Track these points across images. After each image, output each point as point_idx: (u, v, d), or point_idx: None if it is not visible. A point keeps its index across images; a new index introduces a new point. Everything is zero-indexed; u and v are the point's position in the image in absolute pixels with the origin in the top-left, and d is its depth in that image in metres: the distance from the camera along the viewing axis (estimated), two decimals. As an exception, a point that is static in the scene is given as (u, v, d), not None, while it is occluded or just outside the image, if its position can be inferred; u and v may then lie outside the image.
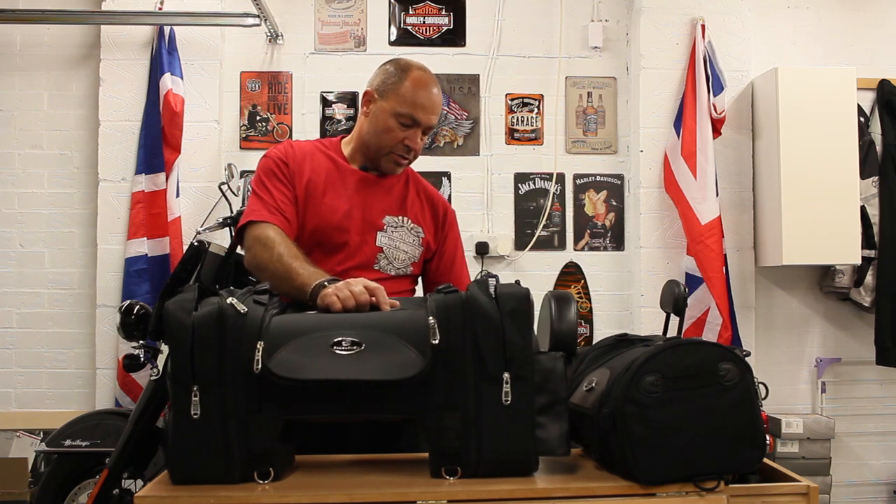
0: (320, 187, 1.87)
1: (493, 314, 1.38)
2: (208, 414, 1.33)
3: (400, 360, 1.34)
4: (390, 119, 1.85)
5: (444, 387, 1.37)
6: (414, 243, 1.92)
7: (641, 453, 1.35)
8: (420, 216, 1.96)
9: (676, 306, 2.88)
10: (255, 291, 1.44)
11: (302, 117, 3.92)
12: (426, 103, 1.85)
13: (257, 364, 1.31)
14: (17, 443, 3.59)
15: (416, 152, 1.91)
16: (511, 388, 1.37)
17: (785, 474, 1.45)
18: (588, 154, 3.99)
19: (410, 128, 1.86)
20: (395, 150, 1.87)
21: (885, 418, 3.96)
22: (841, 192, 3.64)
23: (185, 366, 1.33)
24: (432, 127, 1.90)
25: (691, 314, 3.57)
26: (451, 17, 3.99)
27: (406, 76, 1.86)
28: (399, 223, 1.91)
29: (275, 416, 1.36)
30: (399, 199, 1.94)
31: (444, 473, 1.38)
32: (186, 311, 1.36)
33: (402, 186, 1.97)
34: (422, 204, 1.98)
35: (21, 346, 3.77)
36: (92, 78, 3.80)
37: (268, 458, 1.36)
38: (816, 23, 4.03)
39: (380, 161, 1.91)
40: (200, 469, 1.34)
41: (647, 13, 3.82)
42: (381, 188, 1.93)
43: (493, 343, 1.38)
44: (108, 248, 3.66)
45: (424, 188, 2.02)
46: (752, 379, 1.41)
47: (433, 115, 1.87)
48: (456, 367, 1.38)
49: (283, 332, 1.35)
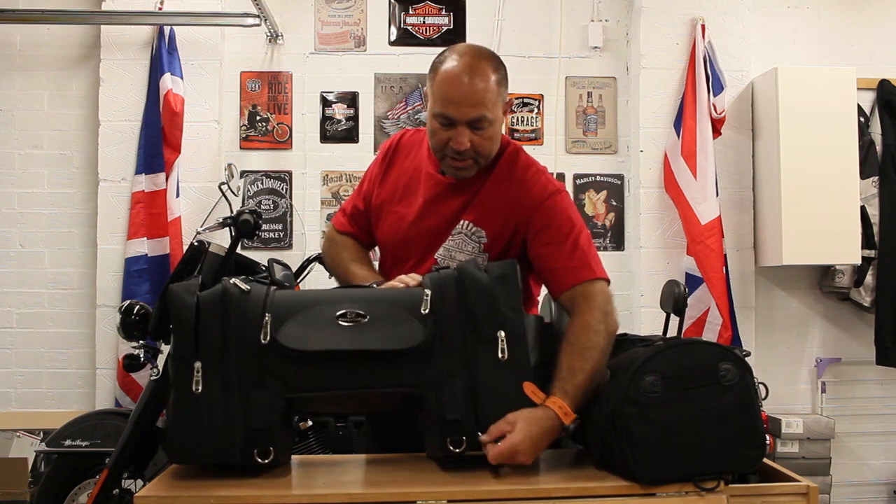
0: (398, 194, 1.80)
1: (483, 279, 1.47)
2: (210, 389, 1.35)
3: (403, 331, 1.39)
4: (433, 121, 1.67)
5: (443, 357, 1.41)
6: (473, 250, 1.71)
7: (641, 453, 1.35)
8: (485, 217, 1.72)
9: (676, 306, 2.88)
10: (255, 279, 1.47)
11: (302, 117, 3.92)
12: (456, 96, 1.61)
13: (265, 336, 1.33)
14: (17, 443, 3.59)
15: (477, 150, 1.66)
16: (507, 346, 1.43)
17: (785, 474, 1.45)
18: (588, 154, 3.99)
19: (451, 127, 1.64)
20: (446, 152, 1.67)
21: (885, 418, 3.95)
22: (841, 192, 3.63)
23: (189, 343, 1.35)
24: (478, 119, 1.63)
25: (691, 314, 3.57)
26: (451, 17, 3.98)
27: (438, 71, 1.66)
28: (459, 229, 1.73)
29: (276, 392, 1.37)
30: (465, 202, 1.73)
31: (448, 444, 1.40)
32: (190, 292, 1.39)
33: (480, 184, 1.73)
34: (496, 200, 1.72)
35: (21, 346, 3.76)
36: (92, 78, 3.79)
37: (268, 435, 1.37)
38: (816, 23, 4.03)
39: (444, 167, 1.73)
40: (200, 447, 1.35)
41: (647, 13, 3.82)
42: (452, 192, 1.74)
43: (485, 306, 1.45)
44: (108, 248, 3.66)
45: (512, 180, 1.74)
46: (752, 379, 1.41)
47: (468, 106, 1.61)
48: (453, 337, 1.42)
49: (288, 306, 1.39)
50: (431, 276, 1.48)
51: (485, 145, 1.67)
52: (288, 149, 3.91)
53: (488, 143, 1.68)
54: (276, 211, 3.89)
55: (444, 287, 1.45)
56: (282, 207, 3.89)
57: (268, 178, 3.89)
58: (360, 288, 1.55)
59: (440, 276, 1.48)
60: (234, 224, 2.67)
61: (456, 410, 1.40)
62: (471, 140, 1.64)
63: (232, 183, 3.17)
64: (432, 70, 1.68)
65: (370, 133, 3.91)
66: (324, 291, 1.51)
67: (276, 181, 3.89)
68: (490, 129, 1.66)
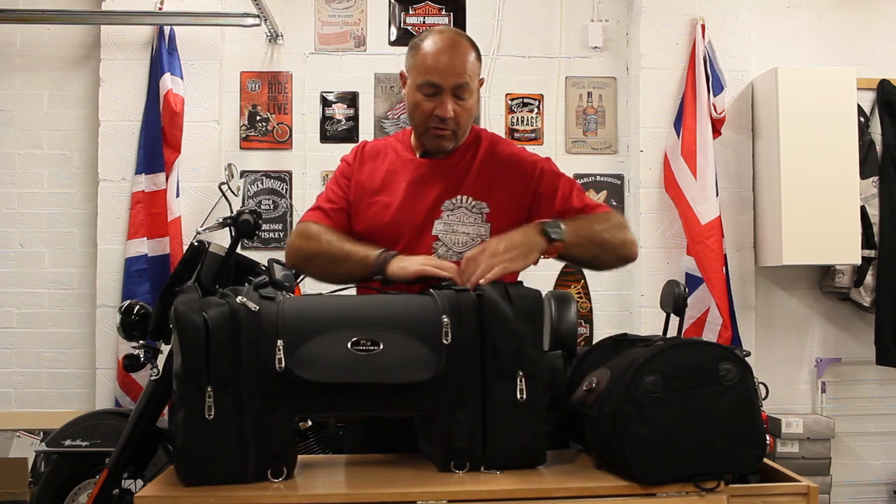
0: (375, 186, 1.82)
1: (509, 315, 1.43)
2: (223, 415, 1.33)
3: (416, 361, 1.36)
4: (416, 94, 1.76)
5: (456, 384, 1.40)
6: (476, 222, 1.77)
7: (641, 453, 1.35)
8: (486, 190, 1.79)
9: (676, 306, 2.88)
10: (257, 286, 1.44)
11: (302, 117, 3.92)
12: (440, 65, 1.72)
13: (280, 363, 1.32)
14: (17, 443, 3.59)
15: (457, 119, 1.75)
16: (525, 386, 1.40)
17: (785, 474, 1.45)
18: (588, 154, 3.99)
19: (435, 96, 1.73)
20: (429, 124, 1.76)
21: (885, 418, 3.96)
22: (841, 192, 3.64)
23: (200, 367, 1.32)
24: (461, 86, 1.73)
25: (691, 314, 3.57)
26: (451, 17, 3.99)
27: (421, 46, 1.76)
28: (457, 204, 1.78)
29: (289, 416, 1.36)
30: (458, 178, 1.80)
31: (452, 467, 1.40)
32: (196, 311, 1.35)
33: (468, 162, 1.82)
34: (495, 175, 1.81)
35: (21, 346, 3.77)
36: (92, 78, 3.80)
37: (282, 457, 1.37)
38: (816, 23, 4.03)
39: (424, 142, 1.81)
40: (214, 470, 1.34)
41: (647, 13, 3.82)
42: (441, 172, 1.81)
43: (509, 343, 1.41)
44: (108, 248, 3.66)
45: (503, 156, 1.84)
46: (752, 379, 1.41)
47: (452, 74, 1.72)
48: (467, 365, 1.40)
49: (300, 329, 1.36)
50: (450, 299, 1.43)
51: (465, 115, 1.77)
52: (288, 149, 3.91)
53: (467, 115, 1.78)
54: (276, 211, 3.89)
55: (463, 311, 1.41)
56: (282, 207, 3.89)
57: (268, 178, 3.89)
58: (373, 296, 1.54)
59: (459, 301, 1.43)
60: (234, 224, 2.67)
61: (464, 438, 1.40)
62: (453, 109, 1.74)
63: (232, 183, 3.17)
64: (413, 48, 1.79)
65: (370, 133, 3.91)
66: (334, 305, 1.47)
67: (276, 181, 3.89)
68: (470, 100, 1.77)
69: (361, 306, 1.47)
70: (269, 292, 1.42)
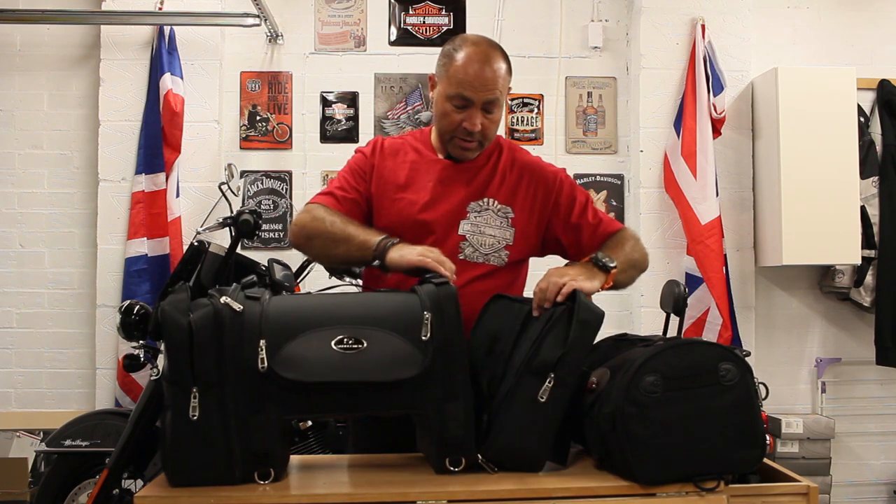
0: (400, 182, 1.83)
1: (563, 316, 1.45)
2: (208, 416, 1.33)
3: (401, 358, 1.36)
4: (445, 103, 1.77)
5: (443, 379, 1.39)
6: (502, 225, 1.81)
7: (641, 453, 1.35)
8: (511, 195, 1.83)
9: (676, 306, 2.88)
10: (244, 286, 1.43)
11: (302, 117, 3.92)
12: (474, 79, 1.73)
13: (262, 363, 1.31)
14: (17, 443, 3.59)
15: (484, 133, 1.78)
16: (551, 389, 1.41)
17: (785, 474, 1.45)
18: (588, 154, 3.99)
19: (465, 108, 1.75)
20: (456, 134, 1.78)
21: (885, 418, 3.96)
22: (841, 192, 3.63)
23: (184, 368, 1.32)
24: (492, 102, 1.76)
25: (691, 314, 3.57)
26: (451, 17, 3.98)
27: (455, 55, 1.77)
28: (484, 206, 1.81)
29: (275, 416, 1.36)
30: (484, 182, 1.83)
31: (448, 465, 1.39)
32: (182, 311, 1.35)
33: (492, 167, 1.85)
34: (518, 181, 1.85)
35: (21, 346, 3.76)
36: (92, 78, 3.80)
37: (268, 458, 1.36)
38: (816, 23, 4.03)
39: (449, 149, 1.83)
40: (200, 471, 1.34)
41: (647, 13, 3.82)
42: (466, 174, 1.83)
43: (556, 343, 1.42)
44: (108, 248, 3.66)
45: (524, 163, 1.88)
46: (752, 379, 1.41)
47: (484, 90, 1.74)
48: (453, 359, 1.40)
49: (283, 328, 1.35)
50: (429, 293, 1.42)
51: (491, 128, 1.80)
52: (288, 149, 3.91)
53: (493, 127, 1.81)
54: (276, 211, 3.89)
55: (444, 305, 1.41)
56: (282, 207, 3.89)
57: (268, 178, 3.89)
58: (354, 294, 1.53)
59: (438, 294, 1.43)
60: (234, 224, 2.67)
61: (457, 432, 1.39)
62: (481, 123, 1.76)
63: (232, 183, 3.17)
64: (446, 56, 1.79)
65: (370, 133, 3.90)
66: (318, 303, 1.47)
67: (276, 181, 3.89)
68: (497, 113, 1.80)
69: (345, 304, 1.47)
70: (255, 292, 1.41)
